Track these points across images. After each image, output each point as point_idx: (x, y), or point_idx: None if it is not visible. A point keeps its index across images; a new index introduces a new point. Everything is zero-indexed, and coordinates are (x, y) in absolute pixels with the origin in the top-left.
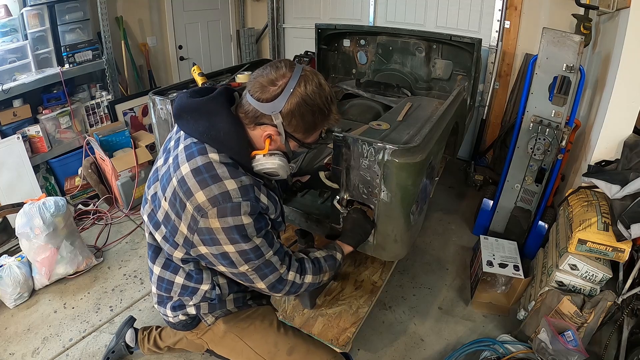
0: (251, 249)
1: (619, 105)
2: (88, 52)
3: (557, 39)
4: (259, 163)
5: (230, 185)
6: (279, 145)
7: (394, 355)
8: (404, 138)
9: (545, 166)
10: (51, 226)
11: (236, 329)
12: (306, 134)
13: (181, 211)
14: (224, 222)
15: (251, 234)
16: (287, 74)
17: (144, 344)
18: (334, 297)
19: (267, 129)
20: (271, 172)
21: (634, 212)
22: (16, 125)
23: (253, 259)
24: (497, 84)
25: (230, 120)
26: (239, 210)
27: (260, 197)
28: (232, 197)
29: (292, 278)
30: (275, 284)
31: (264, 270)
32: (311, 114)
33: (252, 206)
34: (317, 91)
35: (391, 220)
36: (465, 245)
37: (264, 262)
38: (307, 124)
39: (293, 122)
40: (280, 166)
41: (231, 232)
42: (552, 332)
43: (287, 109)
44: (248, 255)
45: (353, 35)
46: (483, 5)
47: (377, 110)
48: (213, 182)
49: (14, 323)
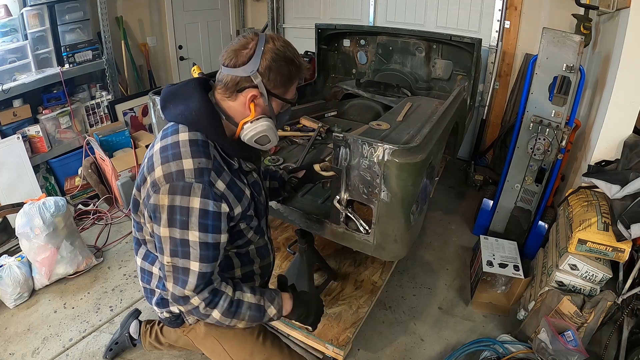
0: (181, 241)
1: (619, 105)
2: (88, 52)
3: (557, 39)
4: (249, 130)
5: (187, 165)
6: (263, 108)
7: (394, 355)
8: (404, 138)
9: (545, 166)
10: (51, 226)
11: (216, 332)
12: (285, 88)
13: (141, 185)
14: (172, 200)
15: (192, 224)
16: (254, 38)
17: (146, 338)
18: (334, 297)
19: (249, 92)
20: (261, 136)
21: (634, 212)
22: (16, 125)
23: (178, 255)
24: (497, 84)
25: (203, 101)
26: (189, 191)
27: (216, 183)
28: (186, 176)
29: (196, 304)
30: (178, 297)
31: (179, 274)
32: (286, 65)
33: (204, 189)
34: (285, 45)
35: (391, 220)
36: (465, 245)
37: (183, 268)
38: (284, 76)
39: (271, 76)
40: (269, 127)
41: (173, 212)
42: (552, 332)
43: (264, 66)
44: (176, 246)
45: (353, 35)
46: (483, 5)
47: (377, 110)
48: (173, 159)
49: (14, 323)
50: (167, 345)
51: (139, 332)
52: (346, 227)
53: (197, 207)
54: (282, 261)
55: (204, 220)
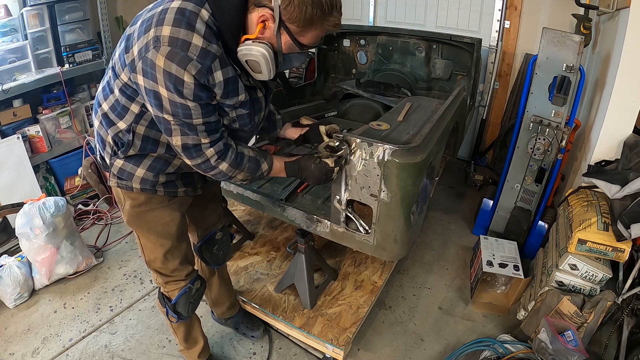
0: (181, 105)
1: (619, 105)
2: (88, 52)
3: (557, 39)
4: (245, 48)
5: (197, 41)
6: (271, 36)
7: (394, 355)
8: (404, 138)
9: (545, 166)
10: (51, 226)
11: (138, 220)
12: (301, 28)
13: (143, 33)
14: (167, 66)
15: (187, 95)
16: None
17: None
18: (334, 297)
19: (263, 12)
20: (253, 61)
21: (633, 212)
22: (16, 125)
23: (179, 115)
24: (497, 84)
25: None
26: (185, 65)
27: (214, 71)
28: (190, 50)
29: (209, 155)
30: (190, 148)
31: (185, 129)
32: (310, 5)
33: (200, 71)
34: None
35: (391, 220)
36: (465, 245)
37: (189, 125)
38: (304, 15)
39: (289, 8)
40: (264, 55)
41: (169, 79)
42: (552, 332)
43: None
44: (177, 108)
45: (353, 35)
46: (483, 5)
47: (377, 110)
48: (186, 28)
49: (14, 323)
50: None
51: None
52: (346, 227)
53: (191, 82)
54: (282, 261)
55: (198, 92)
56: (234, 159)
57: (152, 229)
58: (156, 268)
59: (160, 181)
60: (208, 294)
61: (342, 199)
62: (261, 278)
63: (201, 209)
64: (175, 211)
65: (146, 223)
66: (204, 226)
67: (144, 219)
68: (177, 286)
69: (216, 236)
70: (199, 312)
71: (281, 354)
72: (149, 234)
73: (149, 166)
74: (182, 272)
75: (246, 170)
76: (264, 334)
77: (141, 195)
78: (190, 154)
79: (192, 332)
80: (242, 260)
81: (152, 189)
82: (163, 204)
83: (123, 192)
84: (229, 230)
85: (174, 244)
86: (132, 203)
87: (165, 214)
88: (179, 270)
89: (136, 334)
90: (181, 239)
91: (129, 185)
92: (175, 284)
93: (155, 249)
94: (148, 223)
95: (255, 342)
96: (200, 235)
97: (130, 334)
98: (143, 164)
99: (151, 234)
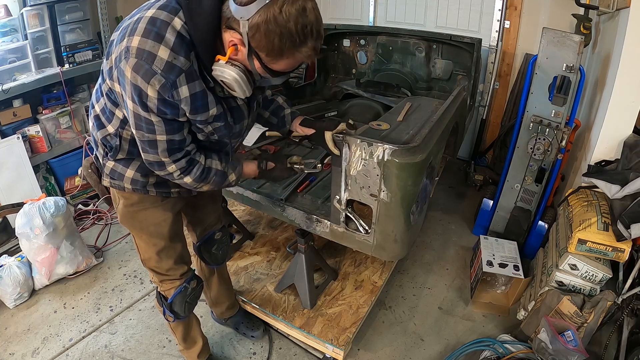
0: (145, 119)
1: (619, 105)
2: (88, 52)
3: (557, 39)
4: (218, 69)
5: (163, 54)
6: (243, 59)
7: (394, 355)
8: (404, 138)
9: (545, 166)
10: (51, 226)
11: (131, 220)
12: (270, 57)
13: (119, 42)
14: (133, 78)
15: (151, 108)
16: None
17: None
18: (334, 297)
19: (233, 36)
20: (227, 83)
21: (633, 212)
22: (16, 125)
23: (143, 130)
24: (497, 84)
25: (214, 5)
26: (149, 79)
27: (179, 86)
28: (155, 63)
29: (171, 171)
30: (153, 164)
31: (146, 146)
32: (278, 37)
33: (164, 86)
34: (296, 15)
35: (391, 220)
36: (465, 245)
37: (150, 141)
38: (272, 45)
39: (257, 37)
40: (236, 80)
41: (134, 91)
42: (552, 332)
43: (254, 21)
44: (140, 122)
45: (353, 35)
46: (483, 5)
47: (377, 110)
48: (154, 39)
49: (14, 323)
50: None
51: None
52: (346, 227)
53: (154, 97)
54: (282, 261)
55: (162, 107)
56: (199, 175)
57: (145, 229)
58: (151, 267)
59: (150, 182)
60: (208, 293)
61: (342, 199)
62: (261, 278)
63: (200, 209)
64: (168, 211)
65: (138, 222)
66: (203, 226)
67: (136, 218)
68: (172, 285)
69: (215, 236)
70: (199, 312)
71: (281, 354)
72: (141, 234)
73: (138, 167)
74: (176, 271)
75: (212, 183)
76: (264, 334)
77: (134, 195)
78: (154, 167)
79: (190, 331)
80: (242, 260)
81: (144, 189)
82: (155, 204)
83: (117, 191)
84: (228, 230)
85: (167, 244)
86: (125, 202)
87: (158, 214)
88: (174, 270)
89: (136, 334)
90: (175, 239)
91: (120, 185)
92: (171, 282)
93: (149, 248)
94: (140, 222)
95: (255, 342)
96: (199, 235)
97: (130, 334)
98: (132, 165)
99: (144, 233)
